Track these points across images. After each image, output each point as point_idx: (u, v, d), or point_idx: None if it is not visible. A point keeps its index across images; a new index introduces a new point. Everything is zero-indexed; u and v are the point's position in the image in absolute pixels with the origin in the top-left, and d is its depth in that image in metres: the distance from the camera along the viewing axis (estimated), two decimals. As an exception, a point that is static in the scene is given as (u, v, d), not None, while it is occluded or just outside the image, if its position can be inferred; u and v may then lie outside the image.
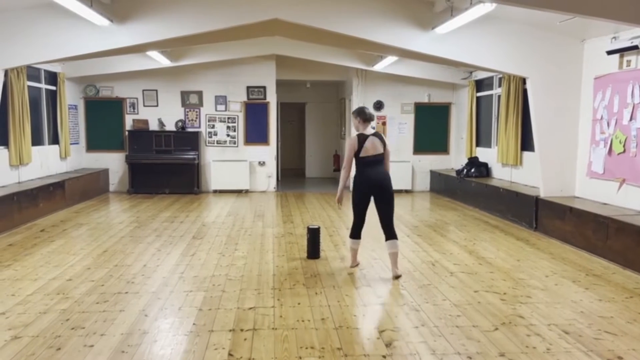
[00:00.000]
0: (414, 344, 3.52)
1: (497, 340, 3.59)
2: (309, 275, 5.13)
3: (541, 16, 6.20)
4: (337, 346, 3.49)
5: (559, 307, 4.28)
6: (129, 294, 4.54)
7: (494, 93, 9.92)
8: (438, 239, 6.90)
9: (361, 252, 6.12)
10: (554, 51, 7.05)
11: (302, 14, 6.61)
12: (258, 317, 4.02)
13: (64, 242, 6.57)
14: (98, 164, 11.35)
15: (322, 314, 4.09)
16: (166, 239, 6.74)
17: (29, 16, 6.47)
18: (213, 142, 11.62)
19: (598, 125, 6.78)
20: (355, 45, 8.48)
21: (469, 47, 7.07)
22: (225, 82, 11.49)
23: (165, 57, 9.64)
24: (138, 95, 11.39)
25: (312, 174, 15.00)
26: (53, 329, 3.74)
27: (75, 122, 11.05)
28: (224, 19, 6.58)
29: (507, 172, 9.37)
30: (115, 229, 7.40)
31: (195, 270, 5.31)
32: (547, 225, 7.05)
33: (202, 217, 8.41)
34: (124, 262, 5.61)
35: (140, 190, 11.09)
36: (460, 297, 4.52)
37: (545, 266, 5.55)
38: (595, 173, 6.85)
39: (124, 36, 6.57)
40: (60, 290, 4.63)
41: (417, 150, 11.95)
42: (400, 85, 11.66)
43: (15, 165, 8.34)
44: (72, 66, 10.05)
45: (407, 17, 6.81)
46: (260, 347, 3.47)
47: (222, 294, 4.55)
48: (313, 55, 10.17)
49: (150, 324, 3.87)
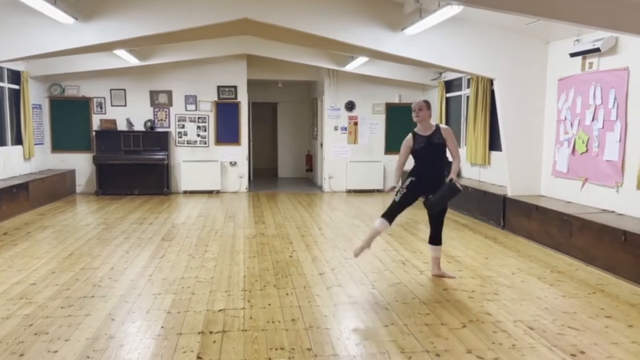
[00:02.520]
0: (384, 343, 3.55)
1: (465, 338, 3.65)
2: (280, 276, 5.12)
3: (507, 19, 6.34)
4: (307, 346, 3.49)
5: (524, 303, 4.37)
6: (95, 297, 4.45)
7: (463, 94, 10.08)
8: (408, 238, 6.97)
9: (333, 252, 6.15)
10: (520, 53, 7.21)
11: (271, 13, 6.59)
12: (228, 318, 3.98)
13: (28, 245, 6.39)
14: (64, 165, 11.08)
15: (293, 314, 4.08)
16: (135, 241, 6.63)
17: (-10, 13, 6.28)
18: (183, 142, 11.48)
19: (562, 125, 6.96)
20: (326, 45, 8.50)
21: (437, 49, 7.17)
22: (196, 82, 11.36)
23: (133, 56, 9.47)
24: (105, 94, 11.16)
25: (285, 174, 14.97)
26: (16, 335, 3.63)
27: (39, 122, 10.76)
28: (193, 17, 6.50)
29: (475, 171, 9.53)
30: (81, 231, 7.23)
31: (164, 272, 5.24)
32: (514, 223, 7.20)
33: (171, 219, 8.30)
34: (90, 265, 5.49)
35: (109, 192, 10.87)
36: (430, 295, 4.58)
37: (512, 264, 5.67)
38: (560, 172, 7.03)
39: (89, 34, 6.43)
40: (24, 294, 4.50)
41: (389, 150, 12.02)
42: (371, 86, 11.73)
43: (-24, 167, 8.08)
44: (36, 64, 9.79)
45: (376, 18, 6.86)
46: (229, 349, 3.45)
47: (191, 296, 4.49)
48: (285, 54, 10.15)
49: (117, 328, 3.80)
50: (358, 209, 9.50)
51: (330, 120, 11.85)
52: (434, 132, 4.90)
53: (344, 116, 11.88)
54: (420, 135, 4.93)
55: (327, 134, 11.89)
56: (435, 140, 4.87)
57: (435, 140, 4.87)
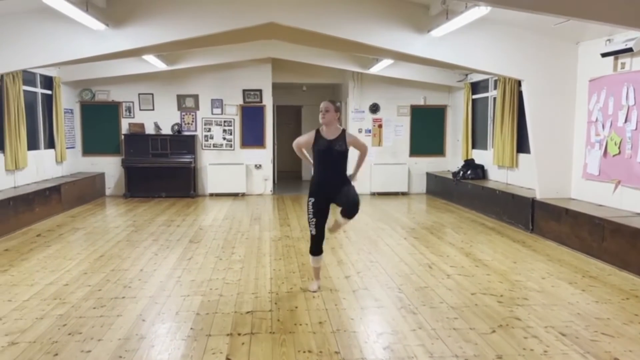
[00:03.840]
0: (412, 347, 3.53)
1: (495, 343, 3.60)
2: (306, 279, 5.13)
3: (536, 19, 6.24)
4: (335, 350, 3.49)
5: (555, 309, 4.29)
6: (126, 298, 4.53)
7: (490, 95, 9.96)
8: (435, 242, 6.91)
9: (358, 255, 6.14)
10: (549, 54, 7.09)
11: (298, 17, 6.63)
12: (256, 321, 4.01)
13: (61, 246, 6.55)
14: (94, 168, 11.32)
15: (320, 317, 4.09)
16: (163, 243, 6.73)
17: (25, 21, 6.45)
18: (209, 146, 11.61)
19: (593, 127, 6.82)
20: (352, 48, 8.50)
21: (464, 50, 7.10)
22: (222, 86, 11.49)
23: (161, 60, 9.63)
24: (134, 99, 11.38)
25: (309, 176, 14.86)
26: (50, 335, 3.73)
27: (71, 126, 11.03)
28: (220, 23, 6.58)
29: (503, 174, 9.40)
30: (111, 233, 7.38)
31: (193, 274, 5.30)
32: (543, 227, 7.08)
33: (198, 221, 8.40)
34: (120, 266, 5.60)
35: (137, 194, 11.07)
36: (457, 299, 4.53)
37: (542, 268, 5.57)
38: (591, 175, 6.88)
39: (120, 40, 6.56)
40: (57, 295, 4.61)
41: (413, 152, 11.97)
42: (396, 88, 11.68)
43: (10, 170, 8.31)
44: (68, 70, 10.03)
45: (402, 20, 6.83)
46: (257, 351, 3.47)
47: (219, 298, 4.54)
48: (309, 58, 10.18)
49: (148, 328, 3.87)
50: (383, 211, 9.46)
51: (355, 123, 11.84)
52: (337, 137, 4.53)
53: (368, 118, 11.86)
54: (323, 137, 4.56)
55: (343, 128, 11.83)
56: (336, 147, 4.51)
57: (337, 147, 4.51)
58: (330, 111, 4.55)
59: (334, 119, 4.58)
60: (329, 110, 4.55)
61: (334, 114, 4.56)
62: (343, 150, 4.54)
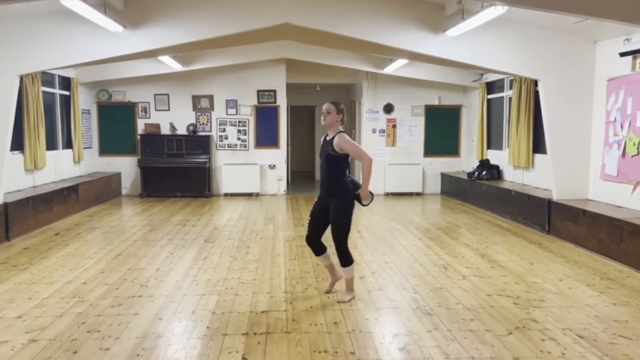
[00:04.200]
0: (427, 348, 3.52)
1: (511, 345, 3.58)
2: (320, 279, 5.14)
3: (553, 18, 6.18)
4: (351, 350, 3.49)
5: (573, 311, 4.25)
6: (142, 297, 4.58)
7: (505, 95, 9.88)
8: (450, 242, 6.88)
9: (372, 256, 6.13)
10: (566, 53, 7.02)
11: (312, 18, 6.64)
12: (271, 320, 4.03)
13: (79, 245, 6.64)
14: (111, 168, 11.45)
15: (335, 317, 4.10)
16: (178, 243, 6.79)
17: (44, 23, 6.55)
18: (224, 146, 11.68)
19: (611, 127, 6.73)
20: (366, 48, 8.50)
21: (480, 50, 7.06)
22: (236, 86, 11.56)
23: (176, 61, 9.71)
24: (150, 99, 11.49)
25: (323, 177, 14.96)
26: (69, 332, 3.78)
27: (88, 126, 11.17)
28: (236, 24, 6.62)
29: (518, 174, 9.32)
30: (128, 232, 7.46)
31: (208, 273, 5.34)
32: (560, 228, 7.01)
33: (213, 221, 8.46)
34: (137, 265, 5.66)
35: (152, 194, 11.17)
36: (473, 300, 4.51)
37: (559, 269, 5.52)
38: (609, 175, 6.80)
39: (137, 41, 6.63)
40: (76, 293, 4.68)
41: (428, 153, 11.92)
42: (410, 88, 11.65)
43: (30, 170, 8.44)
44: (85, 71, 10.16)
45: (417, 20, 6.81)
46: (273, 350, 3.49)
47: (235, 298, 4.57)
48: (323, 58, 10.20)
49: (165, 327, 3.91)
50: (397, 212, 9.44)
51: (369, 123, 11.83)
52: (330, 140, 4.29)
53: (382, 119, 11.84)
54: (325, 139, 4.43)
55: (365, 136, 11.86)
56: (328, 150, 4.28)
57: (326, 149, 4.29)
58: (332, 113, 4.32)
59: (335, 121, 4.33)
60: (330, 112, 4.33)
61: (335, 115, 4.32)
62: (329, 153, 4.26)
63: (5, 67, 6.54)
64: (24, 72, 6.93)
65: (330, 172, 4.35)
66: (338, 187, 4.34)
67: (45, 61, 6.84)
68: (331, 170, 4.35)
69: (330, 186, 4.36)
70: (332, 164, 4.33)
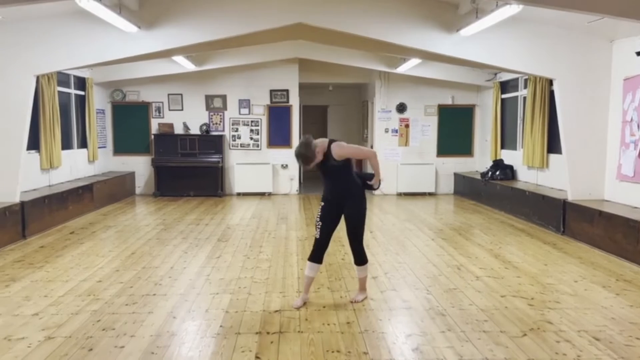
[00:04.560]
0: (441, 349, 3.50)
1: (526, 347, 3.55)
2: (333, 279, 5.14)
3: (568, 17, 6.12)
4: (364, 350, 3.49)
5: (589, 313, 4.21)
6: (157, 295, 4.62)
7: (520, 95, 9.80)
8: (463, 243, 6.84)
9: (385, 256, 6.12)
10: (582, 52, 6.94)
11: (326, 18, 6.64)
12: (284, 319, 4.04)
13: (93, 244, 6.70)
14: (125, 167, 11.55)
15: (348, 317, 4.10)
16: (192, 242, 6.83)
17: (60, 24, 6.62)
18: (237, 145, 11.73)
19: (628, 127, 6.64)
20: (379, 48, 8.48)
21: (494, 49, 7.01)
22: (249, 86, 11.60)
23: (190, 61, 9.77)
24: (163, 99, 11.57)
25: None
26: (85, 330, 3.82)
27: (102, 126, 11.28)
28: (249, 24, 6.64)
29: (533, 174, 9.24)
30: (142, 231, 7.52)
31: (221, 272, 5.37)
32: (575, 229, 6.93)
33: (226, 220, 8.50)
34: (151, 264, 5.70)
35: (166, 193, 11.25)
36: (487, 301, 4.48)
37: (574, 271, 5.46)
38: (626, 176, 6.71)
39: (151, 42, 6.68)
40: (91, 291, 4.73)
41: (441, 152, 11.86)
42: (423, 87, 11.60)
43: (46, 169, 8.55)
44: (100, 71, 10.26)
45: (431, 19, 6.78)
46: (286, 350, 3.50)
47: (248, 297, 4.59)
48: (336, 58, 10.19)
49: (179, 325, 3.93)
50: (410, 212, 9.40)
51: (381, 123, 11.80)
52: (327, 156, 4.24)
53: (395, 118, 11.80)
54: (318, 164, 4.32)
55: (378, 136, 11.84)
56: (330, 164, 4.27)
57: (331, 163, 4.27)
58: (311, 157, 4.18)
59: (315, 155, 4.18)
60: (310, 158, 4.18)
61: (314, 155, 4.18)
62: (333, 165, 4.25)
63: (21, 67, 6.64)
64: (40, 72, 7.01)
65: (342, 178, 4.35)
66: (352, 188, 4.36)
67: (61, 61, 6.92)
68: (342, 177, 4.34)
69: (344, 192, 4.35)
70: (341, 171, 4.32)
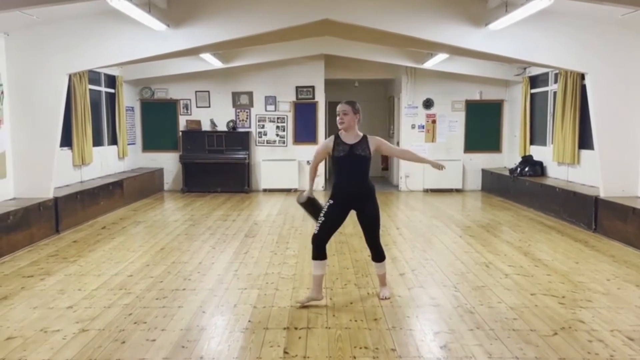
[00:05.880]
0: (470, 347, 3.48)
1: (557, 346, 3.49)
2: (360, 275, 5.15)
3: (601, 10, 5.97)
4: (391, 347, 3.49)
5: (622, 312, 4.11)
6: (186, 290, 4.70)
7: (550, 89, 9.60)
8: (491, 240, 6.75)
9: (412, 253, 6.09)
10: (616, 46, 6.76)
11: (352, 13, 6.62)
12: (311, 315, 4.07)
13: (124, 239, 6.85)
14: (153, 164, 11.75)
15: (375, 314, 4.09)
16: (220, 237, 6.91)
17: (91, 23, 6.76)
18: (263, 142, 11.81)
19: (664, 122, 6.46)
20: (406, 43, 8.41)
21: (524, 43, 6.88)
22: (275, 83, 11.65)
23: (217, 59, 9.86)
24: (191, 96, 11.72)
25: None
26: (117, 323, 3.91)
27: (132, 123, 11.49)
28: (276, 21, 6.67)
29: (563, 171, 9.06)
30: (171, 226, 7.65)
31: (249, 268, 5.43)
32: (608, 226, 6.77)
33: (253, 216, 8.57)
34: (180, 259, 5.80)
35: (194, 189, 11.40)
36: (517, 299, 4.42)
37: (607, 269, 5.34)
38: (661, 172, 6.52)
39: (180, 40, 6.77)
40: (122, 285, 4.84)
41: (468, 148, 11.72)
42: (450, 83, 11.47)
43: (77, 165, 8.76)
44: (129, 69, 10.45)
45: (459, 14, 6.70)
46: (314, 345, 3.52)
47: (275, 292, 4.63)
48: (362, 54, 10.16)
49: (208, 320, 4.00)
50: (436, 209, 9.33)
51: (407, 119, 11.72)
52: (359, 141, 4.16)
53: (422, 114, 11.70)
54: (343, 142, 4.19)
55: (404, 132, 11.76)
56: (358, 151, 4.13)
57: (359, 151, 4.13)
58: (349, 114, 4.15)
59: (354, 122, 4.18)
60: (347, 113, 4.17)
61: (353, 116, 4.16)
62: (366, 155, 4.15)
63: (55, 66, 6.80)
64: (72, 71, 7.17)
65: (365, 173, 4.23)
66: (371, 186, 4.29)
67: (92, 60, 7.06)
68: (366, 172, 4.24)
69: (364, 188, 4.23)
70: (367, 165, 4.22)
